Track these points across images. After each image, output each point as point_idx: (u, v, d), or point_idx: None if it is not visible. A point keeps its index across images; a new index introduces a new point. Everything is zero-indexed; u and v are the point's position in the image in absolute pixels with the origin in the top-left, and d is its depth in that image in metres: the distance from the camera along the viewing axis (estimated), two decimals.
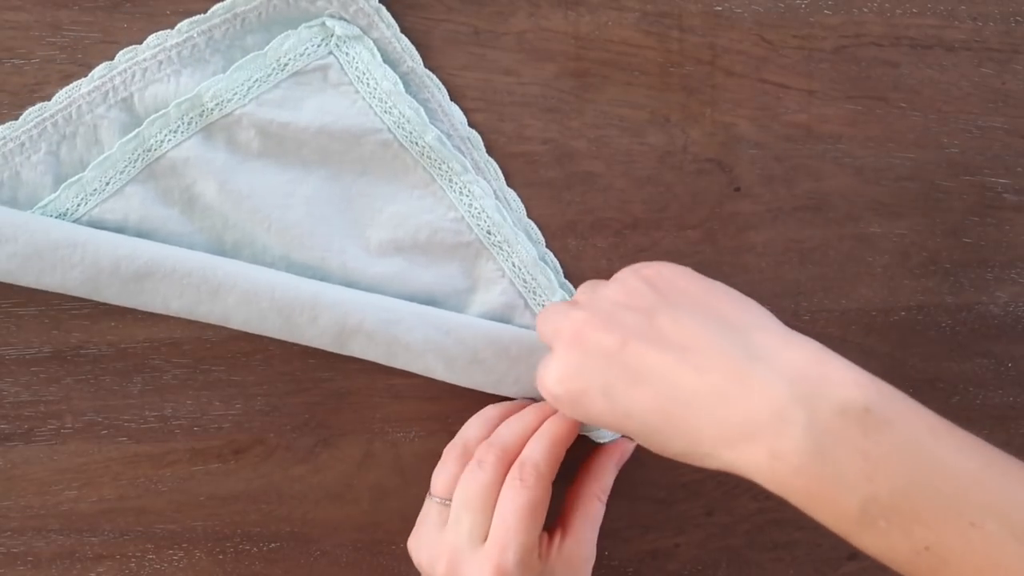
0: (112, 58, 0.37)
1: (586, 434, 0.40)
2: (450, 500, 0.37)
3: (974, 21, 0.40)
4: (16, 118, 0.37)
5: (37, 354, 0.40)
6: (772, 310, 0.42)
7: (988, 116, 0.41)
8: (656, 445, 0.31)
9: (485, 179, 0.39)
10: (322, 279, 0.39)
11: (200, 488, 0.42)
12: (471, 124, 0.39)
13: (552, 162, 0.40)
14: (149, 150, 0.37)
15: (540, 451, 0.36)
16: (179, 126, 0.37)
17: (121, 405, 0.40)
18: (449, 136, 0.39)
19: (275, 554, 0.43)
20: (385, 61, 0.38)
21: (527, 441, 0.37)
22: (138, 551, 0.42)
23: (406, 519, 0.41)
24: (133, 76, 0.38)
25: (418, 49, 0.38)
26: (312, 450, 0.42)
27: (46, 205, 0.37)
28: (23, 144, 0.37)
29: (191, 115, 0.37)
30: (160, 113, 0.37)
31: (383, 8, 0.38)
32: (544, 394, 0.33)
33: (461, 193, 0.39)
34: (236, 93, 0.38)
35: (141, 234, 0.38)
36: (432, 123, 0.38)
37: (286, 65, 0.38)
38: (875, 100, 0.40)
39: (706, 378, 0.29)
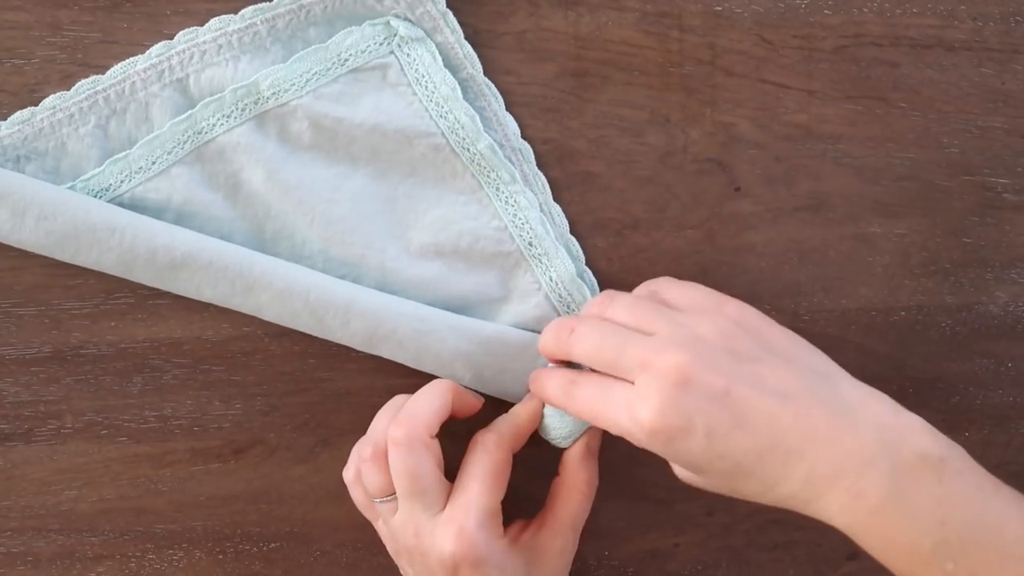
0: (113, 57, 0.37)
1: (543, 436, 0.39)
2: (388, 497, 0.37)
3: (974, 21, 0.40)
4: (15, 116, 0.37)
5: (37, 354, 0.40)
6: (772, 310, 0.42)
7: (988, 116, 0.41)
8: (734, 485, 0.33)
9: (532, 191, 0.39)
10: (359, 277, 0.39)
11: (200, 488, 0.42)
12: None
13: (552, 162, 0.40)
14: (200, 132, 0.37)
15: (504, 422, 0.38)
16: (233, 111, 0.37)
17: (121, 405, 0.40)
18: (501, 146, 0.39)
19: (275, 554, 0.43)
20: (445, 65, 0.38)
21: (437, 415, 0.37)
22: (138, 551, 0.42)
23: None
24: (191, 58, 0.37)
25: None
26: (312, 450, 0.42)
27: (89, 179, 0.37)
28: (72, 115, 0.37)
29: (246, 102, 0.37)
30: (215, 97, 0.37)
31: (449, 13, 0.38)
32: (633, 427, 0.33)
33: (507, 203, 0.39)
34: (294, 84, 0.37)
35: (182, 216, 0.38)
36: (486, 131, 0.38)
37: (346, 60, 0.38)
38: (875, 100, 0.40)
39: (806, 423, 0.31)
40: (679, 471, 0.34)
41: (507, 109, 0.39)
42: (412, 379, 0.41)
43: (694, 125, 0.40)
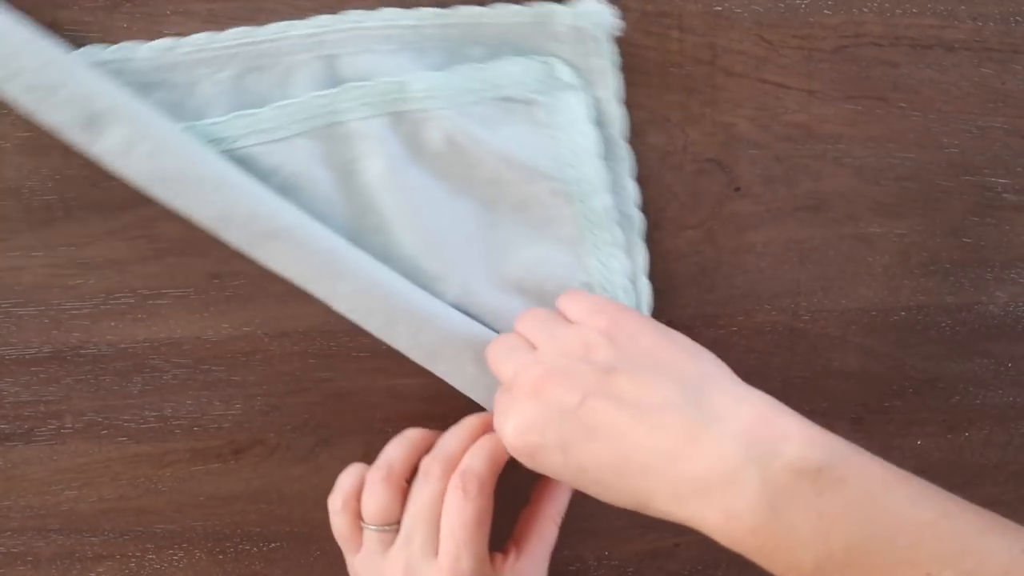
0: None
1: None
2: (387, 526, 0.37)
3: (974, 21, 0.40)
4: (17, 118, 0.37)
5: (37, 354, 0.40)
6: (772, 310, 0.42)
7: (988, 116, 0.41)
8: (609, 499, 0.32)
9: (628, 259, 0.39)
10: (439, 292, 0.39)
11: (200, 488, 0.42)
12: None
13: None
14: (335, 113, 0.37)
15: (480, 461, 0.36)
16: (376, 102, 0.37)
17: (121, 405, 0.40)
18: (614, 209, 0.39)
19: (275, 554, 0.43)
20: (592, 120, 0.38)
21: (498, 461, 0.37)
22: (138, 551, 0.42)
23: None
24: (352, 38, 0.37)
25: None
26: (312, 450, 0.42)
27: (210, 124, 0.37)
28: (215, 58, 0.37)
29: (392, 97, 0.37)
30: (362, 84, 0.37)
31: (618, 73, 0.38)
32: (504, 441, 0.33)
33: (601, 263, 0.39)
34: (445, 94, 0.37)
35: (287, 186, 0.37)
36: (606, 191, 0.39)
37: (501, 87, 0.38)
38: (875, 100, 0.40)
39: (660, 437, 0.30)
40: None
41: None
42: (412, 379, 0.41)
43: (694, 125, 0.40)
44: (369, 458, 0.42)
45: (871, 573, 0.28)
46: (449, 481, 0.36)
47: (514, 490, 0.39)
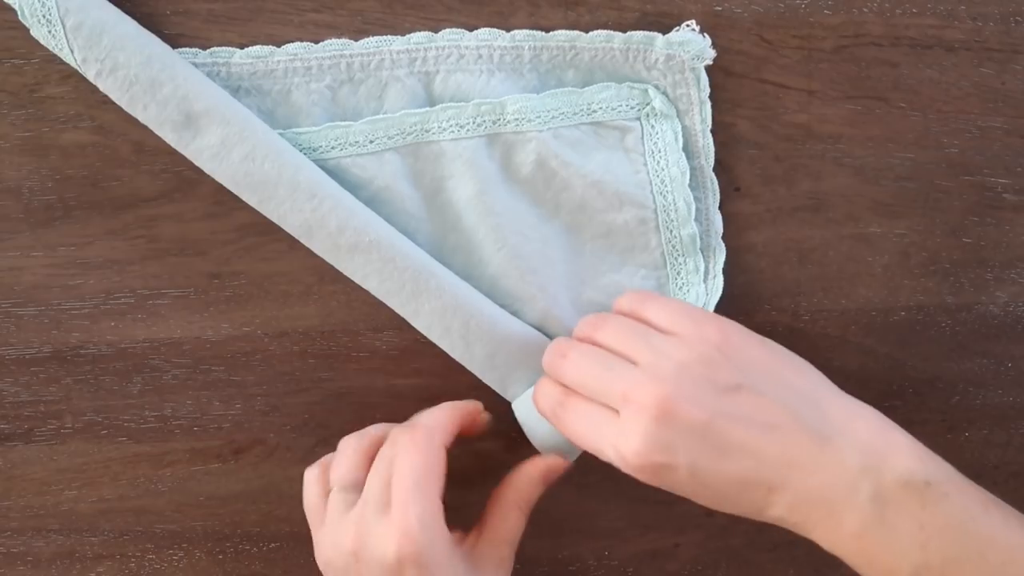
0: None
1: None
2: (351, 488, 0.36)
3: (974, 21, 0.40)
4: (17, 118, 0.37)
5: (37, 354, 0.40)
6: (772, 310, 0.42)
7: (988, 116, 0.41)
8: (716, 507, 0.33)
9: (706, 290, 0.40)
10: (519, 312, 0.39)
11: (200, 488, 0.42)
12: None
13: None
14: (428, 131, 0.37)
15: (433, 415, 0.37)
16: (468, 124, 0.37)
17: (121, 405, 0.40)
18: (700, 239, 0.40)
19: (275, 554, 0.43)
20: (683, 149, 0.39)
21: (448, 418, 0.37)
22: (138, 551, 0.42)
23: None
24: (448, 56, 0.38)
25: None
26: (312, 450, 0.42)
27: (302, 133, 0.37)
28: (310, 68, 0.37)
29: (486, 119, 0.37)
30: (457, 104, 0.37)
31: (708, 103, 0.39)
32: (619, 462, 0.33)
33: (682, 291, 0.40)
34: (539, 117, 0.38)
35: (376, 199, 0.38)
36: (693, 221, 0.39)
37: (594, 112, 0.38)
38: (875, 100, 0.40)
39: (789, 454, 0.31)
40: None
41: None
42: (412, 379, 0.41)
43: None
44: None
45: None
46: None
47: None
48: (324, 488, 0.37)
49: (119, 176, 0.38)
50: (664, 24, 0.39)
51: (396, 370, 0.41)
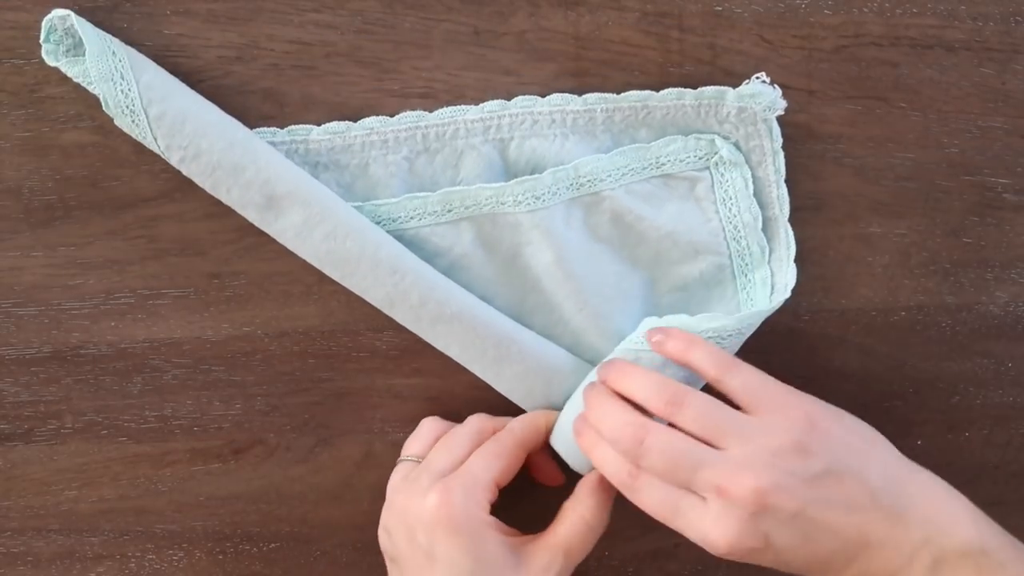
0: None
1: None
2: (420, 457, 0.38)
3: (974, 21, 0.40)
4: (17, 118, 0.37)
5: (37, 354, 0.40)
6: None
7: (988, 116, 0.41)
8: (789, 571, 0.35)
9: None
10: (596, 361, 0.39)
11: (200, 488, 0.42)
12: None
13: None
14: (504, 203, 0.38)
15: (519, 420, 0.39)
16: (544, 194, 0.38)
17: (121, 405, 0.40)
18: (771, 278, 0.40)
19: (275, 554, 0.43)
20: (756, 200, 0.39)
21: (531, 439, 0.39)
22: (138, 551, 0.42)
23: None
24: (522, 123, 0.38)
25: (418, 49, 0.38)
26: (312, 450, 0.42)
27: (380, 205, 0.38)
28: (386, 141, 0.38)
29: (560, 186, 0.38)
30: (532, 177, 0.38)
31: (781, 154, 0.39)
32: (705, 544, 0.34)
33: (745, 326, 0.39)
34: (610, 176, 0.38)
35: (454, 266, 0.39)
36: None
37: (663, 165, 0.39)
38: (875, 100, 0.40)
39: (865, 532, 0.33)
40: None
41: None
42: (412, 379, 0.41)
43: None
44: (368, 459, 0.42)
45: None
46: (485, 435, 0.38)
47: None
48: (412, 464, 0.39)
49: (119, 176, 0.38)
50: (664, 24, 0.39)
51: (396, 370, 0.41)
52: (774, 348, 0.43)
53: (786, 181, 0.40)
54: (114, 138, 0.38)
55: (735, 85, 0.39)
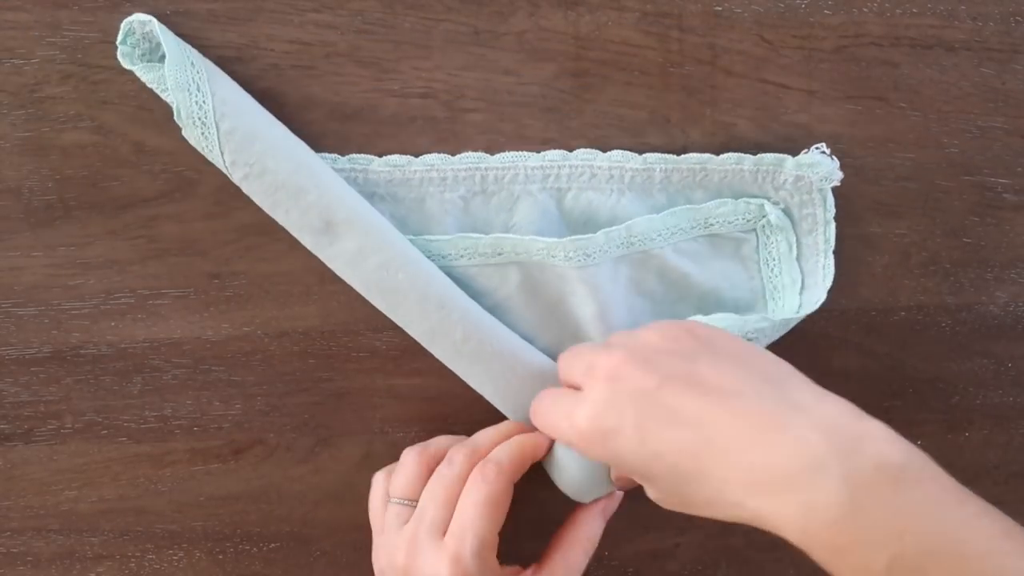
0: (113, 58, 0.37)
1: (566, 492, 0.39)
2: (410, 500, 0.37)
3: (974, 21, 0.40)
4: (17, 118, 0.37)
5: (37, 354, 0.40)
6: None
7: (988, 116, 0.41)
8: (680, 494, 0.31)
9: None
10: None
11: (200, 488, 0.42)
12: (472, 124, 0.39)
13: None
14: (554, 257, 0.38)
15: (504, 451, 0.37)
16: (595, 252, 0.38)
17: (121, 405, 0.40)
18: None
19: (275, 554, 0.43)
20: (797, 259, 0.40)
21: (526, 458, 0.38)
22: (138, 551, 0.42)
23: None
24: (581, 175, 0.39)
25: (418, 49, 0.38)
26: (312, 450, 0.42)
27: (433, 240, 0.38)
28: (445, 178, 0.38)
29: (612, 245, 0.38)
30: (585, 236, 0.38)
31: (833, 224, 0.39)
32: (570, 432, 0.32)
33: None
34: (660, 235, 0.39)
35: (499, 306, 0.39)
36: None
37: (711, 225, 0.39)
38: (875, 100, 0.40)
39: (743, 423, 0.29)
40: (647, 490, 0.33)
41: (505, 108, 0.39)
42: (412, 379, 0.41)
43: (694, 125, 0.40)
44: (368, 459, 0.42)
45: None
46: (469, 469, 0.37)
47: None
48: (386, 495, 0.38)
49: (119, 176, 0.38)
50: (664, 24, 0.39)
51: (396, 370, 0.41)
52: (774, 348, 0.42)
53: None
54: (114, 138, 0.38)
55: (734, 85, 0.39)
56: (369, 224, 0.37)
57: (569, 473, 0.38)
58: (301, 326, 0.40)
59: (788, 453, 0.28)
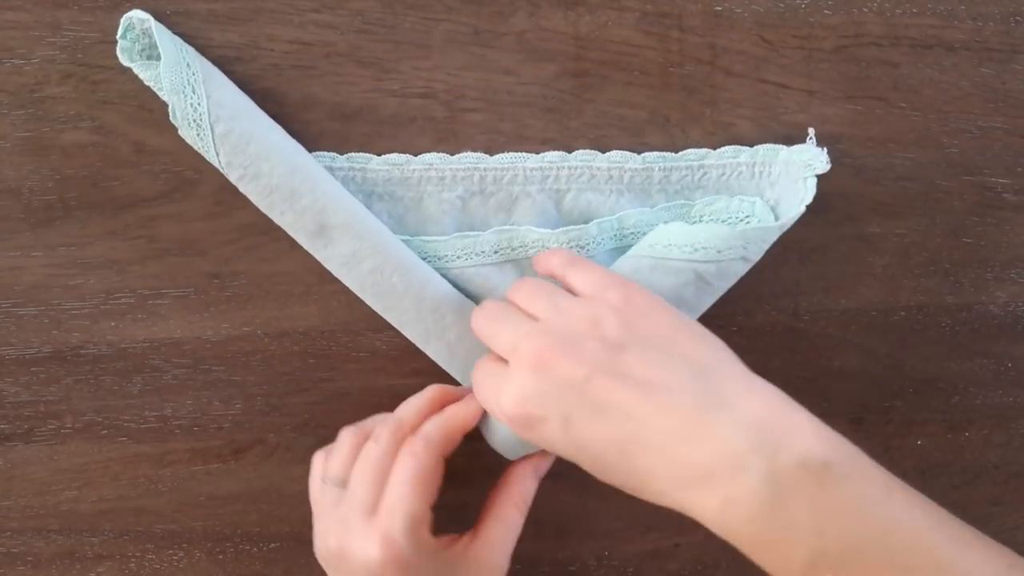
0: (113, 57, 0.37)
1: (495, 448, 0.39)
2: (344, 481, 0.36)
3: (974, 21, 0.40)
4: (17, 118, 0.37)
5: (37, 354, 0.40)
6: (772, 310, 0.42)
7: (988, 116, 0.41)
8: (605, 478, 0.31)
9: None
10: None
11: (200, 488, 0.42)
12: (472, 124, 0.39)
13: None
14: (548, 248, 0.38)
15: (433, 425, 0.36)
16: (589, 243, 0.38)
17: (121, 405, 0.40)
18: None
19: (275, 554, 0.43)
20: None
21: (424, 418, 0.37)
22: (138, 551, 0.42)
23: None
24: (580, 176, 0.39)
25: (418, 49, 0.38)
26: (312, 450, 0.42)
27: (430, 241, 0.38)
28: (443, 178, 0.38)
29: (605, 236, 0.38)
30: (579, 227, 0.38)
31: (803, 208, 0.37)
32: (497, 412, 0.33)
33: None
34: (652, 227, 0.39)
35: None
36: None
37: (701, 218, 0.39)
38: (875, 100, 0.40)
39: (667, 418, 0.29)
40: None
41: (505, 108, 0.39)
42: (412, 379, 0.41)
43: (694, 125, 0.40)
44: None
45: (862, 574, 0.28)
46: (395, 444, 0.36)
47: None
48: (324, 476, 0.37)
49: (119, 176, 0.38)
50: (664, 24, 0.39)
51: (396, 370, 0.41)
52: (774, 348, 0.43)
53: None
54: (114, 138, 0.38)
55: (734, 85, 0.39)
56: (364, 228, 0.37)
57: (499, 432, 0.38)
58: (301, 326, 0.40)
59: (711, 449, 0.29)
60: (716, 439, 0.29)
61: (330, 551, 0.35)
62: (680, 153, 0.39)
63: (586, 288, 0.34)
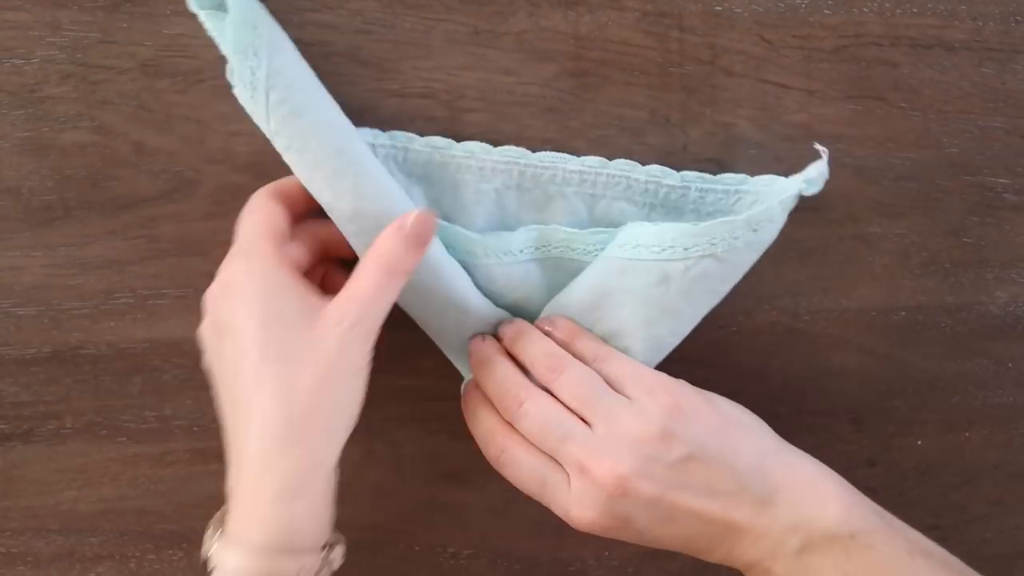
0: (113, 57, 0.37)
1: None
2: None
3: (974, 21, 0.40)
4: (17, 118, 0.37)
5: (37, 354, 0.40)
6: (772, 310, 0.42)
7: (988, 116, 0.41)
8: (655, 546, 0.36)
9: None
10: None
11: (200, 488, 0.42)
12: (472, 124, 0.39)
13: None
14: (573, 249, 0.38)
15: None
16: (615, 249, 0.38)
17: (121, 405, 0.40)
18: None
19: None
20: None
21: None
22: (138, 551, 0.42)
23: (406, 519, 0.41)
24: (617, 184, 0.39)
25: (418, 49, 0.38)
26: None
27: (463, 234, 0.38)
28: (483, 168, 0.38)
29: (629, 242, 0.38)
30: (607, 230, 0.38)
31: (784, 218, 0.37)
32: (564, 516, 0.35)
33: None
34: (657, 243, 0.38)
35: (518, 306, 0.39)
36: None
37: (714, 245, 0.38)
38: (875, 100, 0.40)
39: (730, 516, 0.34)
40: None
41: (505, 108, 0.39)
42: (412, 379, 0.41)
43: (694, 125, 0.40)
44: (369, 458, 0.42)
45: None
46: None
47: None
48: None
49: (119, 176, 0.38)
50: (664, 24, 0.39)
51: (396, 370, 0.41)
52: (774, 348, 0.43)
53: None
54: (114, 138, 0.38)
55: (734, 85, 0.39)
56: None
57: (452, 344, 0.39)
58: None
59: (760, 535, 0.34)
60: (765, 527, 0.33)
61: (208, 298, 0.34)
62: (718, 176, 0.39)
63: (627, 382, 0.36)
